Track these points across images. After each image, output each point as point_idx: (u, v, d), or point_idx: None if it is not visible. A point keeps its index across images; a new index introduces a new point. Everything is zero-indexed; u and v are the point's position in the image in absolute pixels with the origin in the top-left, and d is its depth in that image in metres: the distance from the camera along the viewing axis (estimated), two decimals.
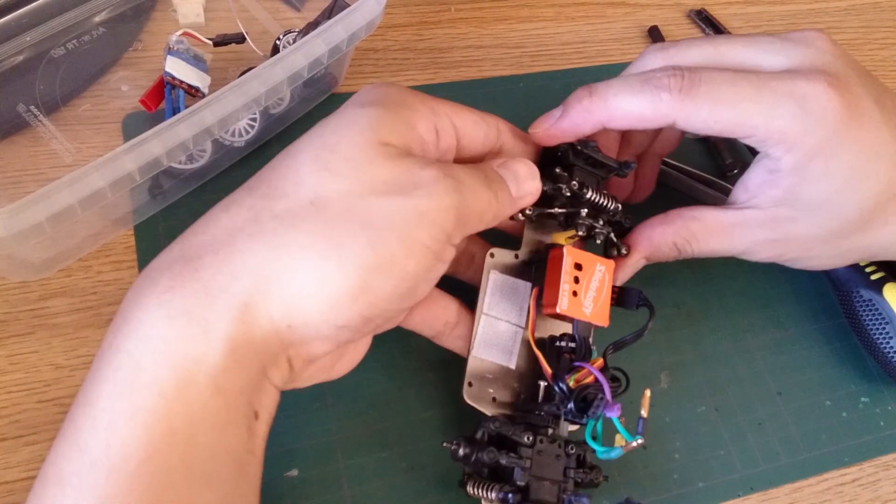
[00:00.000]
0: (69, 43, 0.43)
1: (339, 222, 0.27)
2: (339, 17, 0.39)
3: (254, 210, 0.28)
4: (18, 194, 0.37)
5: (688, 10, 0.59)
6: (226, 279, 0.26)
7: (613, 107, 0.36)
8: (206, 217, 0.29)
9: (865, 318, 0.45)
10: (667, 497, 0.40)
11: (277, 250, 0.27)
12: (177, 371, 0.25)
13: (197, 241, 0.27)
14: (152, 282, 0.26)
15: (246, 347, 0.26)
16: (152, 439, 0.24)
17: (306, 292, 0.26)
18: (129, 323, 0.25)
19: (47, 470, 0.25)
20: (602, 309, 0.35)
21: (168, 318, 0.25)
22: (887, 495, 0.43)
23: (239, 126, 0.42)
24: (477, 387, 0.36)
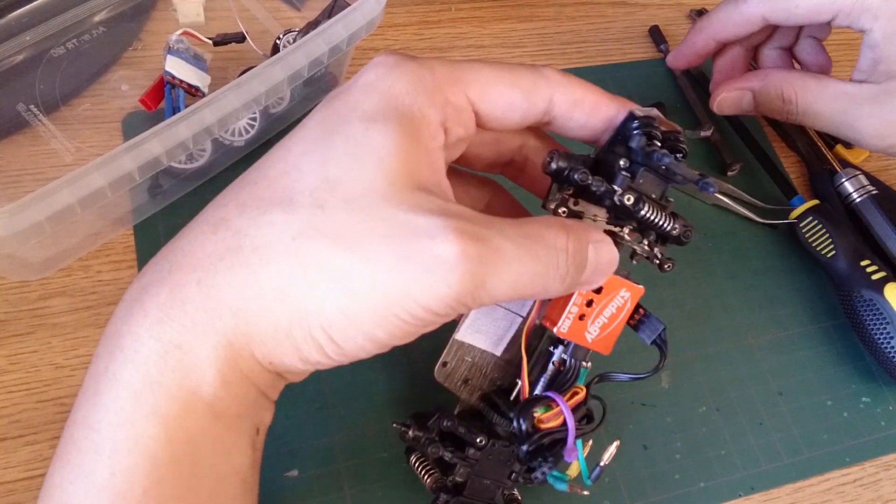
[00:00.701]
0: (69, 42, 0.43)
1: (315, 273, 0.25)
2: (340, 17, 0.39)
3: (238, 236, 0.26)
4: (18, 194, 0.37)
5: (688, 10, 0.59)
6: (209, 316, 0.25)
7: (713, 21, 0.45)
8: (196, 231, 0.27)
9: (866, 318, 0.45)
10: (668, 497, 0.40)
11: (252, 289, 0.25)
12: (175, 401, 0.25)
13: (183, 263, 0.26)
14: (142, 308, 0.26)
15: (237, 380, 0.26)
16: (156, 467, 0.25)
17: (277, 336, 0.26)
18: (125, 352, 0.25)
19: (53, 493, 0.25)
20: (609, 337, 0.32)
21: (163, 351, 0.25)
22: (888, 495, 0.43)
23: (239, 125, 0.42)
24: (452, 367, 0.35)
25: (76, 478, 0.25)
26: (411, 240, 0.25)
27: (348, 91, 0.28)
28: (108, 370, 0.26)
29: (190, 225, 0.28)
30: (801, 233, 0.48)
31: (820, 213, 0.47)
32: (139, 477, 0.25)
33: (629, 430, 0.41)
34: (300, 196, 0.26)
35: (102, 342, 0.27)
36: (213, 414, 0.26)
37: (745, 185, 0.51)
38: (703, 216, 0.49)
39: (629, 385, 0.42)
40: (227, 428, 0.26)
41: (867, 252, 0.46)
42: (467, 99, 0.29)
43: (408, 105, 0.27)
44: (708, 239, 0.48)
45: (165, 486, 0.25)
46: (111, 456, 0.25)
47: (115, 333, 0.26)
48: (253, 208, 0.26)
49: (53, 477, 0.26)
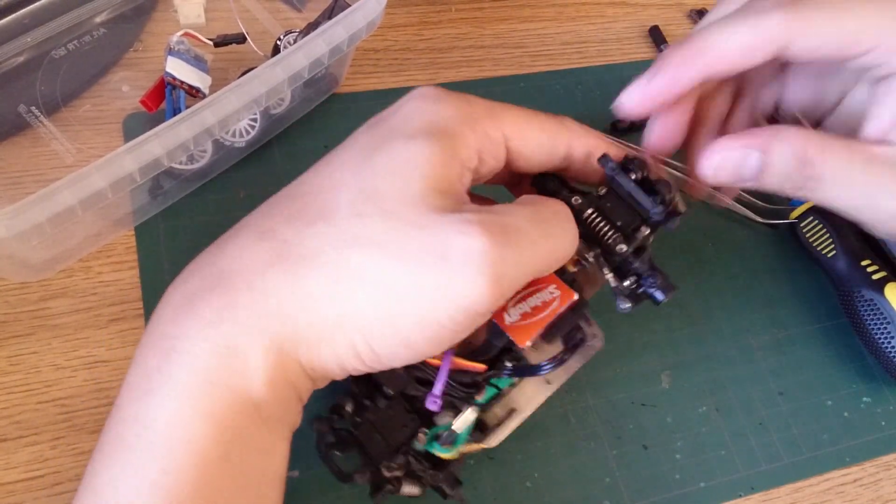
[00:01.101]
0: (70, 43, 0.43)
1: (355, 280, 0.26)
2: (340, 18, 0.39)
3: (286, 245, 0.27)
4: (19, 195, 0.37)
5: (688, 10, 0.59)
6: (261, 321, 0.26)
7: (711, 46, 0.31)
8: (244, 238, 0.28)
9: (867, 318, 0.45)
10: (668, 497, 0.40)
11: (297, 295, 0.27)
12: (226, 403, 0.26)
13: (232, 269, 0.27)
14: (194, 311, 0.27)
15: (283, 384, 0.27)
16: (207, 465, 0.25)
17: (319, 344, 0.27)
18: (179, 353, 0.26)
19: (102, 490, 0.26)
20: (527, 328, 0.31)
21: (216, 354, 0.26)
22: (888, 495, 0.43)
23: (239, 126, 0.42)
24: None
25: (126, 475, 0.25)
26: (444, 240, 0.25)
27: (391, 116, 0.30)
28: (162, 370, 0.26)
29: (233, 233, 0.29)
30: (802, 233, 0.48)
31: (820, 213, 0.47)
32: (191, 474, 0.25)
33: (629, 430, 0.41)
34: (341, 208, 0.27)
35: (148, 343, 0.28)
36: (260, 416, 0.27)
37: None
38: (703, 216, 0.49)
39: (629, 385, 0.42)
40: (269, 430, 0.27)
41: (867, 252, 0.46)
42: (503, 135, 0.30)
43: (450, 127, 0.28)
44: (708, 239, 0.48)
45: (214, 484, 0.26)
46: (165, 453, 0.25)
47: (165, 335, 0.27)
48: (298, 220, 0.28)
49: (101, 475, 0.26)
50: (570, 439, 0.40)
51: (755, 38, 0.30)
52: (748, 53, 0.31)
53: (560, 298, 0.31)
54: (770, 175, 0.32)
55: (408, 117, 0.29)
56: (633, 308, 0.32)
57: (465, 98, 0.30)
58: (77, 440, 0.36)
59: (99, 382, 0.37)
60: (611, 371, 0.42)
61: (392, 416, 0.34)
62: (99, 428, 0.36)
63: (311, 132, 0.46)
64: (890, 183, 0.31)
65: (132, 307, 0.39)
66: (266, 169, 0.44)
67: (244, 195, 0.43)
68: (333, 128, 0.46)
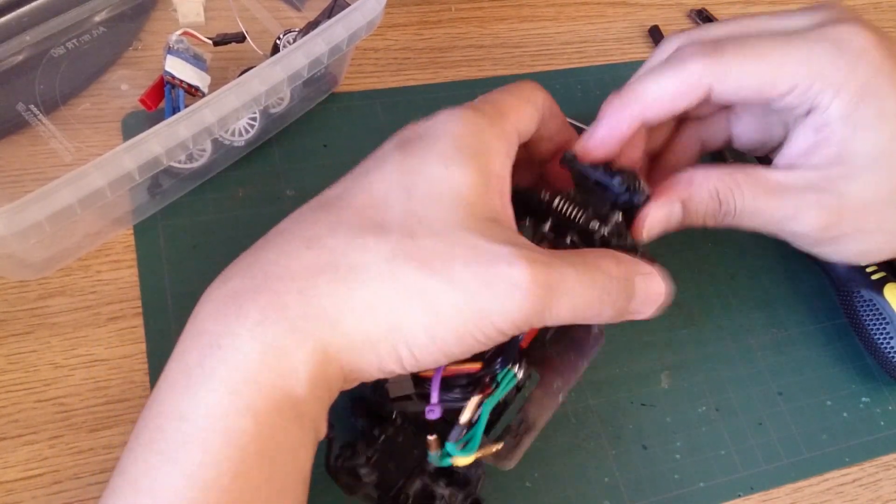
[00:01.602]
0: (69, 42, 0.43)
1: (406, 294, 0.27)
2: (340, 17, 0.39)
3: (335, 254, 0.28)
4: (18, 193, 0.37)
5: (688, 10, 0.59)
6: (309, 324, 0.27)
7: (643, 94, 0.35)
8: (288, 245, 0.29)
9: (866, 318, 0.45)
10: (667, 497, 0.40)
11: (349, 303, 0.28)
12: (267, 400, 0.27)
13: (278, 273, 0.28)
14: (240, 310, 0.27)
15: (322, 384, 0.28)
16: (244, 459, 0.26)
17: (364, 348, 0.28)
18: (223, 349, 0.27)
19: (138, 479, 0.26)
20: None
21: (262, 351, 0.27)
22: (888, 495, 0.43)
23: (239, 125, 0.42)
24: None
25: (164, 466, 0.26)
26: (491, 266, 0.27)
27: (424, 137, 0.31)
28: (204, 365, 0.27)
29: (273, 238, 0.30)
30: None
31: None
32: (227, 468, 0.26)
33: (629, 430, 0.41)
34: (391, 225, 0.28)
35: (188, 339, 0.28)
36: (297, 415, 0.27)
37: None
38: None
39: (629, 385, 0.42)
40: (302, 429, 0.28)
41: None
42: (514, 127, 0.32)
43: (480, 142, 0.30)
44: (708, 239, 0.48)
45: (249, 477, 0.26)
46: (202, 446, 0.26)
47: (206, 331, 0.28)
48: (344, 231, 0.29)
49: (139, 465, 0.26)
50: (569, 439, 0.40)
51: (680, 85, 0.35)
52: (676, 99, 0.35)
53: None
54: (690, 218, 0.36)
55: (438, 138, 0.31)
56: None
57: (478, 109, 0.32)
58: (75, 439, 0.36)
59: (97, 381, 0.37)
60: (611, 371, 0.42)
61: (401, 441, 0.34)
62: (98, 426, 0.36)
63: (311, 131, 0.46)
64: (791, 208, 0.35)
65: (131, 306, 0.39)
66: (265, 168, 0.44)
67: (243, 194, 0.43)
68: (333, 127, 0.46)
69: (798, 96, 0.34)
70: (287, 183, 0.44)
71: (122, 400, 0.37)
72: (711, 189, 0.35)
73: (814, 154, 0.35)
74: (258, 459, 0.26)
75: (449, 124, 0.31)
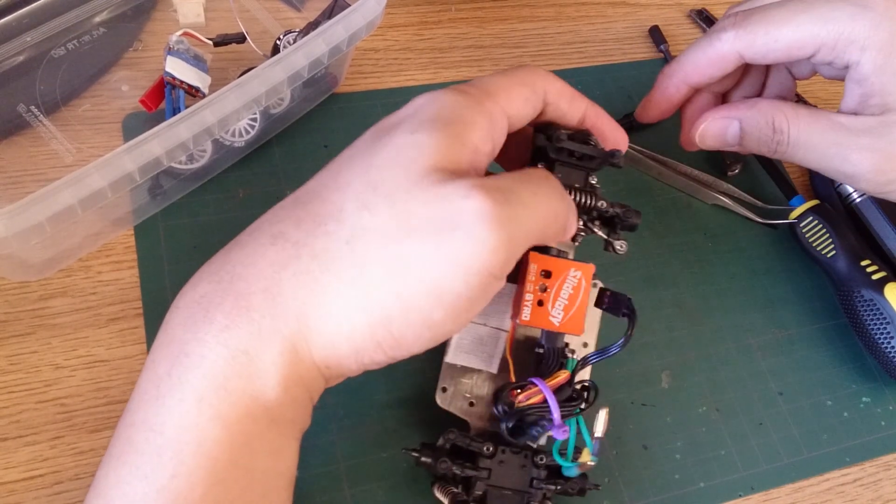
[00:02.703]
0: (69, 43, 0.43)
1: (370, 267, 0.27)
2: (340, 17, 0.39)
3: (297, 247, 0.27)
4: (19, 194, 0.37)
5: (688, 10, 0.59)
6: (275, 323, 0.27)
7: (683, 65, 0.41)
8: (255, 243, 0.28)
9: (866, 318, 0.45)
10: (668, 497, 0.40)
11: (315, 295, 0.27)
12: (238, 406, 0.26)
13: (245, 273, 0.27)
14: (207, 315, 0.27)
15: (297, 385, 0.27)
16: (216, 469, 0.26)
17: (337, 340, 0.27)
18: (190, 357, 0.26)
19: (109, 493, 0.26)
20: (576, 317, 0.33)
21: (229, 357, 0.26)
22: (888, 495, 0.43)
23: (239, 126, 0.42)
24: (452, 391, 0.36)
25: (135, 478, 0.25)
26: (447, 205, 0.26)
27: (397, 114, 0.30)
28: (172, 374, 0.26)
29: (242, 238, 0.29)
30: (801, 233, 0.48)
31: (820, 213, 0.47)
32: (200, 479, 0.25)
33: (629, 430, 0.41)
34: (348, 204, 0.28)
35: (159, 348, 0.27)
36: (271, 418, 0.27)
37: (745, 185, 0.51)
38: (703, 216, 0.49)
39: (629, 385, 0.42)
40: (280, 433, 0.28)
41: (867, 252, 0.46)
42: (502, 108, 0.31)
43: (456, 114, 0.29)
44: (708, 239, 0.48)
45: (223, 488, 0.26)
46: (173, 458, 0.25)
47: (175, 339, 0.27)
48: (307, 222, 0.28)
49: (110, 478, 0.26)
50: None
51: (713, 55, 0.40)
52: (711, 66, 0.41)
53: (584, 276, 0.33)
54: (747, 140, 0.41)
55: (410, 115, 0.29)
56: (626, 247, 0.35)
57: (461, 89, 0.30)
58: (76, 439, 0.36)
59: (98, 382, 0.37)
60: (611, 371, 0.42)
61: (503, 468, 0.34)
62: (99, 427, 0.36)
63: (311, 132, 0.46)
64: (844, 147, 0.38)
65: (131, 306, 0.39)
66: (265, 168, 0.44)
67: (243, 195, 0.43)
68: (333, 127, 0.46)
69: (826, 55, 0.38)
70: (287, 183, 0.44)
71: (123, 401, 0.37)
72: (769, 116, 0.40)
73: (866, 104, 0.38)
74: (232, 469, 0.26)
75: (426, 105, 0.30)
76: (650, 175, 0.50)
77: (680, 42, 0.57)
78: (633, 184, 0.49)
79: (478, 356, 0.36)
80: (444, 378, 0.36)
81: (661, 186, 0.50)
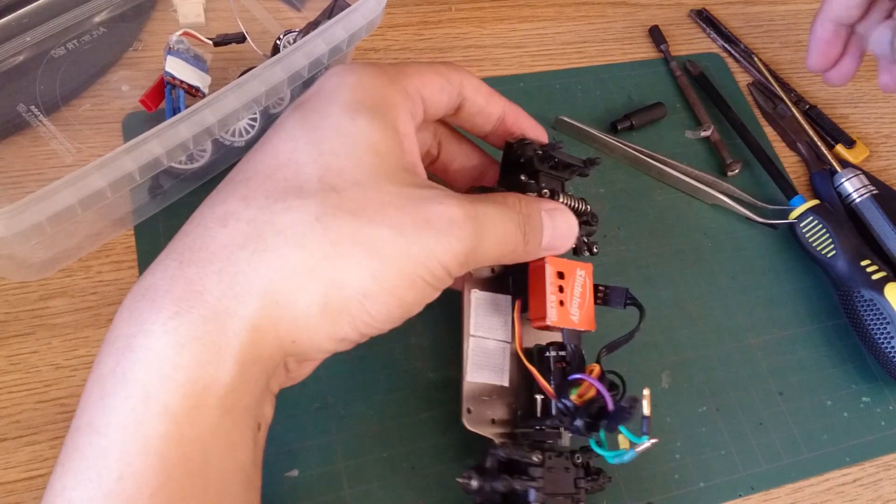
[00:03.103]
0: (69, 43, 0.43)
1: (345, 246, 0.27)
2: (340, 17, 0.39)
3: (255, 224, 0.27)
4: (19, 194, 0.37)
5: (688, 10, 0.59)
6: (233, 303, 0.26)
7: (826, 4, 0.47)
8: (200, 228, 0.27)
9: (867, 318, 0.45)
10: (668, 497, 0.40)
11: (282, 271, 0.26)
12: (188, 398, 0.25)
13: (195, 258, 0.26)
14: (153, 305, 0.26)
15: (255, 366, 0.26)
16: (166, 466, 0.24)
17: (311, 312, 0.27)
18: (136, 351, 0.25)
19: (55, 501, 0.25)
20: (588, 314, 0.35)
21: (178, 345, 0.25)
22: (888, 495, 0.43)
23: (239, 126, 0.42)
24: (476, 411, 0.35)
25: (79, 484, 0.24)
26: (424, 206, 0.28)
27: (319, 93, 0.30)
28: (116, 371, 0.25)
29: (186, 228, 0.28)
30: (801, 233, 0.48)
31: (820, 213, 0.47)
32: (148, 479, 0.24)
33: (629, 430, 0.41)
34: (309, 183, 0.27)
35: (105, 347, 0.26)
36: (224, 408, 0.26)
37: (745, 185, 0.51)
38: (703, 216, 0.49)
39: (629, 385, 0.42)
40: (234, 424, 0.26)
41: (867, 252, 0.46)
42: (416, 87, 0.32)
43: (380, 96, 0.30)
44: (708, 239, 0.48)
45: (174, 487, 0.25)
46: (119, 459, 0.24)
47: (120, 335, 0.26)
48: (259, 199, 0.27)
49: (55, 485, 0.25)
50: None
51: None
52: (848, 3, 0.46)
53: (587, 274, 0.35)
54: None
55: (336, 88, 0.30)
56: None
57: (376, 64, 0.31)
58: None
59: None
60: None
61: (551, 473, 0.33)
62: None
63: None
64: None
65: None
66: None
67: None
68: None
69: None
70: None
71: None
72: None
73: None
74: (182, 466, 0.25)
75: (345, 76, 0.30)
76: (650, 175, 0.50)
77: (680, 42, 0.57)
78: (633, 184, 0.49)
79: (491, 371, 0.36)
80: (468, 399, 0.35)
81: (661, 186, 0.50)
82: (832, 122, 0.55)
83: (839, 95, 0.58)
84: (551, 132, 0.50)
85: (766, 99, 0.55)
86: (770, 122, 0.55)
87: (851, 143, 0.54)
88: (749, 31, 0.59)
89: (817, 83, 0.58)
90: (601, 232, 0.47)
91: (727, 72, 0.56)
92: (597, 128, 0.50)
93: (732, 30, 0.58)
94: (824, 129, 0.55)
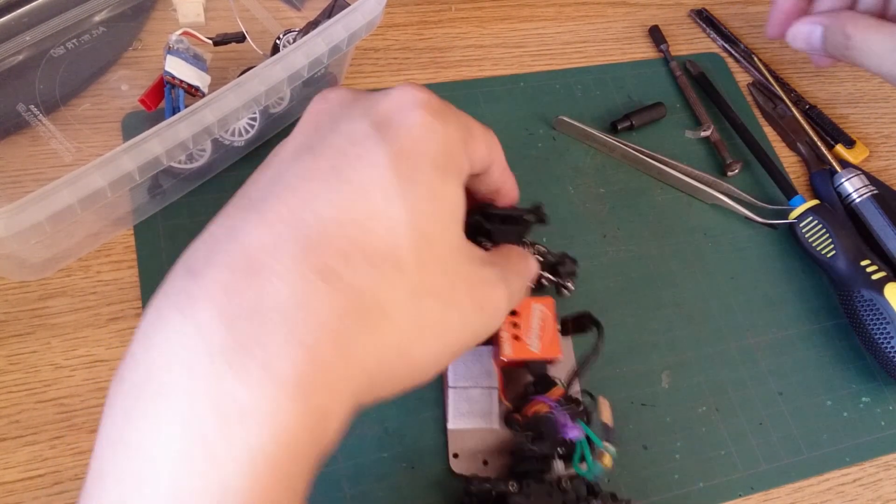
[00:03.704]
0: (69, 42, 0.43)
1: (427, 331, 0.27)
2: (340, 17, 0.39)
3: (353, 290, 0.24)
4: (18, 194, 0.37)
5: (688, 10, 0.59)
6: (347, 383, 0.24)
7: None
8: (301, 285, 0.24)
9: (866, 318, 0.45)
10: (667, 497, 0.40)
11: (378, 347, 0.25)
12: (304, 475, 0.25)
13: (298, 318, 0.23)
14: (272, 377, 0.22)
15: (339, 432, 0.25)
16: None
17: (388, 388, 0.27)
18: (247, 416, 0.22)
19: None
20: (552, 343, 0.37)
21: (307, 415, 0.23)
22: (888, 495, 0.43)
23: (239, 125, 0.42)
24: (464, 456, 0.37)
25: None
26: (482, 290, 0.29)
27: (409, 131, 0.27)
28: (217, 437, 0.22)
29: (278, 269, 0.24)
30: (801, 233, 0.48)
31: (820, 213, 0.47)
32: None
33: (629, 430, 0.41)
34: (404, 252, 0.26)
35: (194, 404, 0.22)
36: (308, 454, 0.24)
37: (745, 185, 0.51)
38: (703, 216, 0.49)
39: (629, 385, 0.42)
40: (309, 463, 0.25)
41: (867, 252, 0.46)
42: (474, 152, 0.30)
43: (461, 158, 0.29)
44: (708, 239, 0.48)
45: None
46: None
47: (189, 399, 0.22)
48: (359, 259, 0.25)
49: None
50: None
51: None
52: None
53: (546, 307, 0.38)
54: (826, 45, 0.47)
55: (424, 141, 0.27)
56: None
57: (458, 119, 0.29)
58: (76, 439, 0.36)
59: (98, 382, 0.37)
60: (611, 371, 0.42)
61: (530, 500, 0.34)
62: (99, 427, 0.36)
63: None
64: None
65: (131, 306, 0.39)
66: None
67: None
68: None
69: None
70: None
71: None
72: (843, 23, 0.45)
73: None
74: None
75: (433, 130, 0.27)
76: (650, 175, 0.50)
77: (680, 42, 0.57)
78: (633, 184, 0.49)
79: (479, 416, 0.38)
80: (453, 444, 0.38)
81: (661, 186, 0.50)
82: (832, 122, 0.55)
83: (839, 95, 0.58)
84: (551, 132, 0.50)
85: (766, 99, 0.55)
86: (770, 122, 0.55)
87: (851, 143, 0.54)
88: (749, 31, 0.59)
89: (817, 83, 0.58)
90: (601, 232, 0.47)
91: (727, 72, 0.56)
92: (597, 128, 0.50)
93: (732, 30, 0.58)
94: (824, 129, 0.55)
